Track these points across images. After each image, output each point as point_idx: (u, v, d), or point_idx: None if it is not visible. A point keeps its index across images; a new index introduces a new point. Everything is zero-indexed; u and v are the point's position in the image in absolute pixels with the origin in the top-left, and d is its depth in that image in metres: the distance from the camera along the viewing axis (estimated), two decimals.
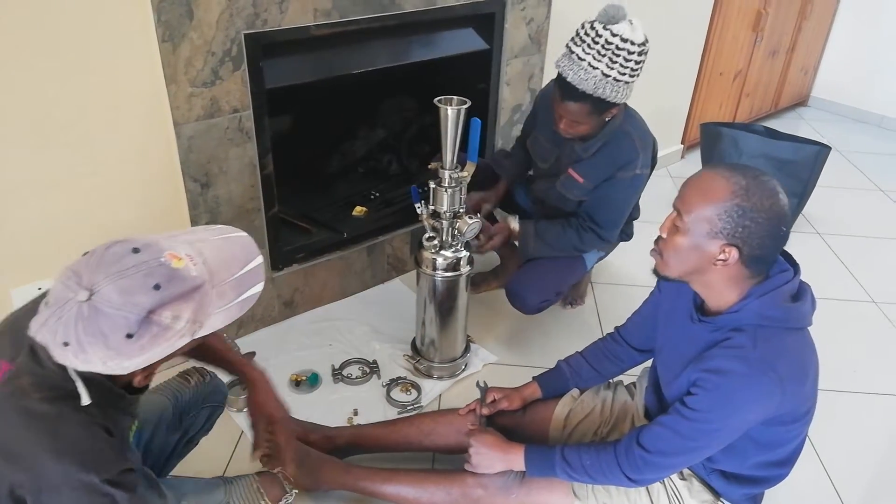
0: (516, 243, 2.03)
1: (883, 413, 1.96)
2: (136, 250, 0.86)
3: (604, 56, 1.60)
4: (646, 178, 1.95)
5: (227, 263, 0.93)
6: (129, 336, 0.83)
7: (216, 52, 1.68)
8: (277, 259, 2.11)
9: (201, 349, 1.31)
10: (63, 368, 0.90)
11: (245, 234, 1.00)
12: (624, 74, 1.63)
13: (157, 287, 0.84)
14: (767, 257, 1.13)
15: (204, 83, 1.70)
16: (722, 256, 1.11)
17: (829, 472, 1.74)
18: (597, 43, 1.60)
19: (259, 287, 0.96)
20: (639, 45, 1.62)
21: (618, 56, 1.60)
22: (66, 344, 0.83)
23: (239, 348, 1.98)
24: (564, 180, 1.95)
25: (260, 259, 0.97)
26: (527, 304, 2.00)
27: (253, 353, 2.02)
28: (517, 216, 1.99)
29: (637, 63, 1.65)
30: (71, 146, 1.57)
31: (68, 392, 0.91)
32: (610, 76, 1.62)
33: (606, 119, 1.79)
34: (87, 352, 0.83)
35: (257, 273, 0.96)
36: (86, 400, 0.89)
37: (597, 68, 1.61)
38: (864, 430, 1.89)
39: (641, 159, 1.87)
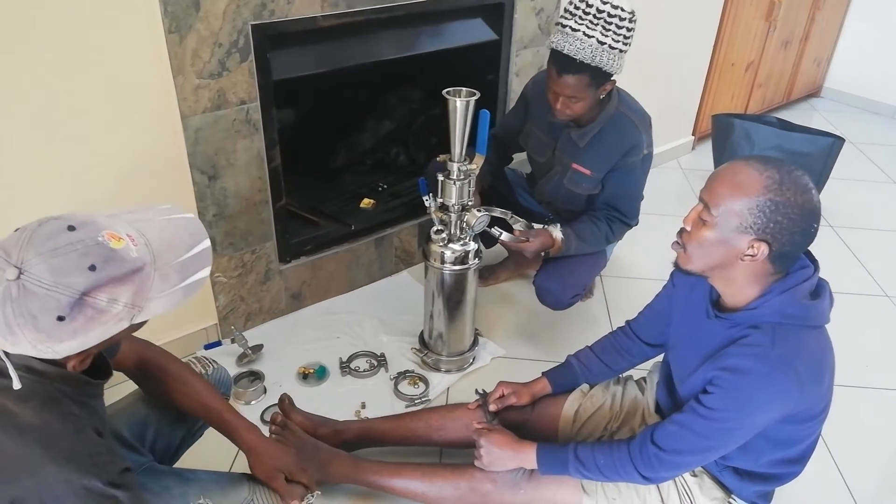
0: (543, 253, 1.93)
1: (895, 409, 1.94)
2: (71, 228, 0.81)
3: (597, 25, 1.60)
4: (651, 157, 1.94)
5: (171, 246, 0.88)
6: (61, 319, 0.78)
7: (223, 44, 1.67)
8: (285, 251, 2.11)
9: (197, 405, 1.25)
10: (28, 371, 0.87)
11: (193, 215, 0.94)
12: (618, 42, 1.63)
13: (92, 268, 0.79)
14: (794, 254, 1.11)
15: (211, 75, 1.68)
16: (750, 252, 1.08)
17: (841, 468, 1.72)
18: (588, 13, 1.61)
19: (205, 272, 0.90)
20: (629, 13, 1.63)
21: (610, 24, 1.60)
22: None
23: (246, 340, 1.98)
24: (572, 176, 1.93)
25: (207, 243, 0.91)
26: (560, 300, 1.99)
27: (260, 346, 2.01)
28: (559, 224, 1.90)
29: (629, 31, 1.65)
30: (76, 138, 1.57)
31: (48, 395, 0.88)
32: (605, 43, 1.62)
33: (601, 96, 1.77)
34: (15, 334, 0.78)
35: (204, 257, 0.90)
36: (17, 384, 0.84)
37: (592, 36, 1.61)
38: (876, 426, 1.87)
39: (646, 139, 1.86)
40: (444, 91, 1.63)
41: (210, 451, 1.50)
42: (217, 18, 1.63)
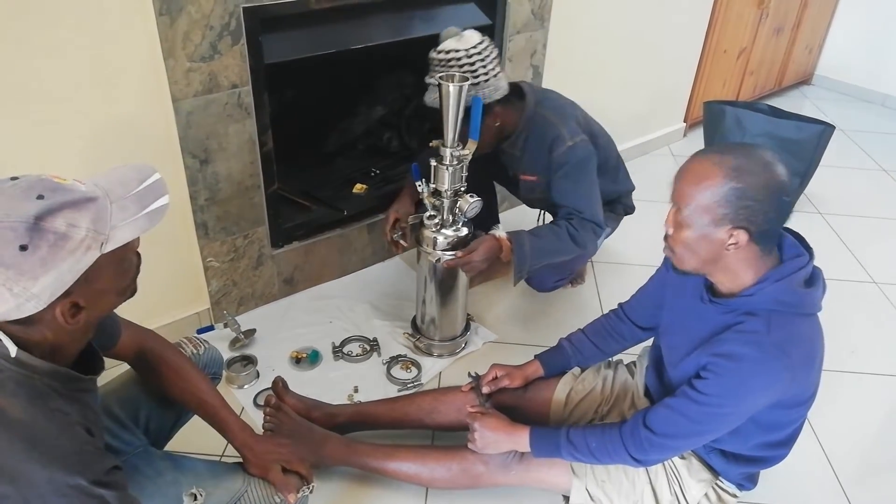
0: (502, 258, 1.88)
1: (881, 393, 1.97)
2: (14, 178, 0.83)
3: (442, 73, 1.71)
4: (588, 147, 1.87)
5: (120, 182, 0.88)
6: (24, 248, 0.77)
7: (214, 26, 1.66)
8: (277, 236, 2.10)
9: (193, 400, 1.26)
10: (15, 363, 0.86)
11: (140, 163, 0.94)
12: (465, 78, 1.70)
13: (40, 196, 0.79)
14: (775, 230, 1.13)
15: (202, 58, 1.67)
16: (732, 241, 1.10)
17: (827, 450, 1.75)
18: (437, 66, 1.74)
19: (164, 200, 0.89)
20: (466, 50, 1.71)
21: (451, 67, 1.71)
22: None
23: (239, 325, 1.98)
24: (524, 185, 1.98)
25: (158, 175, 0.90)
26: (543, 284, 2.06)
27: (253, 331, 2.02)
28: (499, 225, 1.92)
29: (475, 63, 1.71)
30: (66, 121, 1.56)
31: (35, 390, 0.87)
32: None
33: (496, 123, 1.81)
34: (44, 267, 0.78)
35: (158, 187, 0.90)
36: (13, 351, 0.84)
37: (440, 85, 1.69)
38: (861, 410, 1.90)
39: (566, 130, 1.85)
40: (437, 76, 1.62)
41: (204, 435, 1.51)
42: (208, 1, 1.62)
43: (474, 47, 1.72)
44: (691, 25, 3.22)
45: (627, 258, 2.51)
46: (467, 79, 1.62)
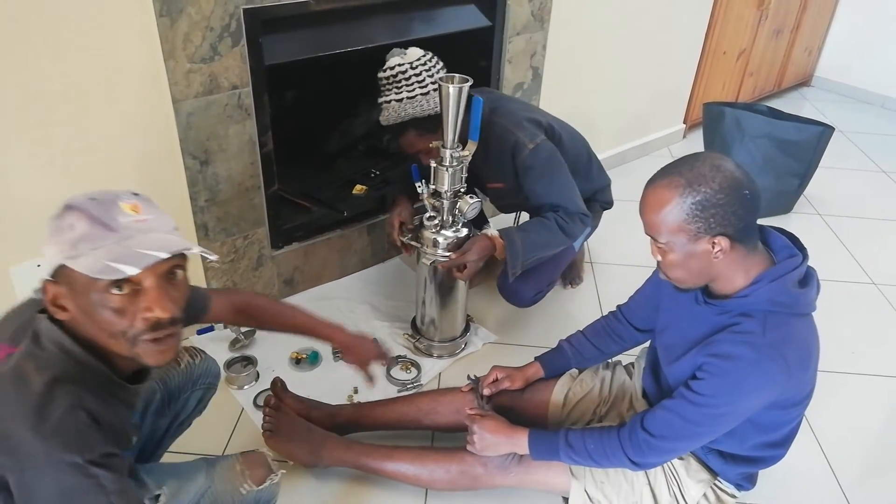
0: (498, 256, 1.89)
1: (880, 394, 1.97)
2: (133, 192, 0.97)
3: (390, 90, 1.78)
4: (548, 144, 1.87)
5: (155, 240, 0.91)
6: (52, 218, 0.91)
7: (215, 28, 1.66)
8: (277, 237, 2.11)
9: (293, 328, 1.48)
10: (61, 348, 0.92)
11: (191, 245, 0.95)
12: (413, 91, 1.76)
13: (92, 199, 0.91)
14: (751, 224, 1.14)
15: (203, 59, 1.68)
16: (717, 249, 1.11)
17: (826, 451, 1.76)
18: (383, 84, 1.80)
19: (132, 270, 0.86)
20: (410, 63, 1.76)
21: (399, 82, 1.76)
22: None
23: (239, 326, 1.98)
24: (492, 193, 1.98)
25: (162, 255, 0.90)
26: (521, 298, 2.02)
27: (253, 331, 2.02)
28: (489, 224, 1.93)
29: (419, 74, 1.76)
30: (67, 123, 1.56)
31: (66, 374, 0.92)
32: (401, 98, 1.77)
33: (430, 144, 1.80)
34: (46, 241, 0.91)
35: (145, 259, 0.88)
36: (48, 336, 0.93)
37: (390, 101, 1.78)
38: (860, 411, 1.90)
39: (523, 134, 1.84)
40: (437, 77, 1.63)
41: (205, 435, 1.51)
42: (209, 2, 1.62)
43: (419, 59, 1.76)
44: (691, 27, 3.23)
45: (626, 258, 2.51)
46: (467, 80, 1.62)
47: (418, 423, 1.63)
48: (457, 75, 1.64)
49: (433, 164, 1.73)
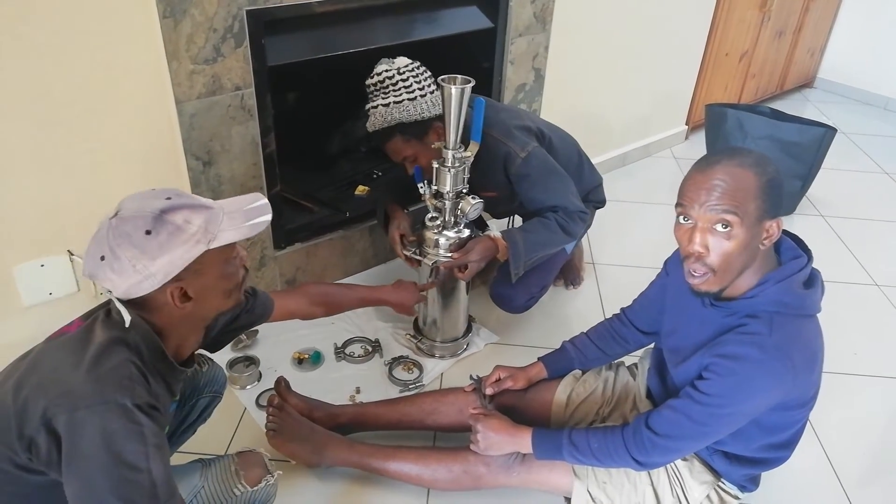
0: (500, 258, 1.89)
1: (883, 395, 1.97)
2: (153, 189, 1.03)
3: (377, 94, 1.77)
4: (540, 150, 1.87)
5: (234, 202, 1.07)
6: (148, 232, 0.94)
7: (218, 29, 1.67)
8: (280, 237, 2.11)
9: (354, 304, 1.76)
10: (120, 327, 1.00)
11: (253, 193, 1.12)
12: (400, 96, 1.74)
13: (168, 198, 0.98)
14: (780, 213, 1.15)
15: (206, 60, 1.68)
16: (770, 233, 1.11)
17: (829, 452, 1.75)
18: (370, 91, 1.79)
19: (268, 216, 1.06)
20: (398, 69, 1.75)
21: (387, 87, 1.75)
22: (102, 258, 0.95)
23: None
24: (486, 202, 1.94)
25: (264, 199, 1.08)
26: (514, 304, 2.03)
27: (256, 331, 2.02)
28: (490, 225, 1.93)
29: (406, 80, 1.75)
30: (71, 123, 1.57)
31: (127, 339, 0.99)
32: (388, 104, 1.75)
33: (433, 144, 1.79)
34: (118, 257, 0.94)
35: (265, 208, 1.07)
36: (127, 319, 0.98)
37: (377, 106, 1.76)
38: (864, 413, 1.90)
39: (514, 143, 1.84)
40: (439, 78, 1.63)
41: (207, 435, 1.52)
42: (212, 3, 1.63)
43: (406, 66, 1.76)
44: (693, 28, 3.23)
45: (629, 260, 2.51)
46: (469, 81, 1.62)
47: (421, 424, 1.63)
48: (459, 76, 1.64)
49: (435, 166, 1.74)
